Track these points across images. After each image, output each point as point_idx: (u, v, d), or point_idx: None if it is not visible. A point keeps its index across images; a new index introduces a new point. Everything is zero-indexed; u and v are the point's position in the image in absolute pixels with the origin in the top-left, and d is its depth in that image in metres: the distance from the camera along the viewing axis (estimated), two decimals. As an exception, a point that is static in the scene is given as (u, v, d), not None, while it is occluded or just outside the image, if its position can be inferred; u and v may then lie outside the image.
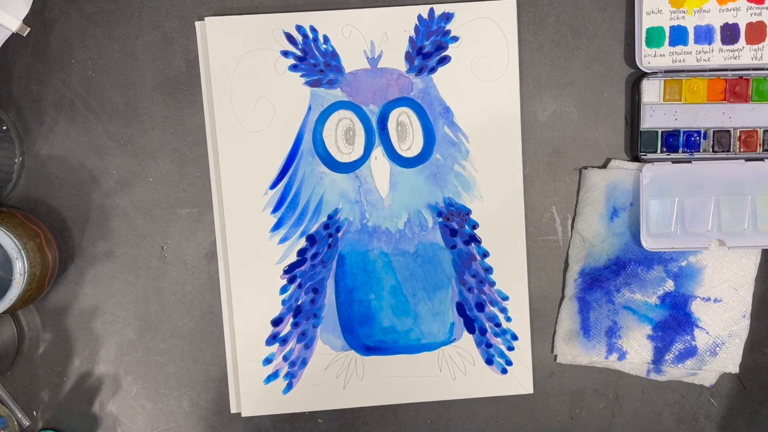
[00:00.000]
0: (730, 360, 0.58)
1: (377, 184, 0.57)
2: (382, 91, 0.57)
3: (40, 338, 0.58)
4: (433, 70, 0.57)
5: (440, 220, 0.58)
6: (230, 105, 0.56)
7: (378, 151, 0.57)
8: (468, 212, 0.58)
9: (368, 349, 0.58)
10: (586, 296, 0.58)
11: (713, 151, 0.57)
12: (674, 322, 0.58)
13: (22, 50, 0.56)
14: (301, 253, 0.57)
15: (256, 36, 0.56)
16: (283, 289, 0.57)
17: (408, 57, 0.57)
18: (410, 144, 0.57)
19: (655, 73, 0.56)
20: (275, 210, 0.57)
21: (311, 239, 0.57)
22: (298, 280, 0.57)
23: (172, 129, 0.57)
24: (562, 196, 0.58)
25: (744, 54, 0.56)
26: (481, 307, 0.58)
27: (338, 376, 0.58)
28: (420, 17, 0.56)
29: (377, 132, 0.57)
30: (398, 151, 0.57)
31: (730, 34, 0.56)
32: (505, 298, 0.58)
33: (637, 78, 0.57)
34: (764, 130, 0.57)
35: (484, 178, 0.57)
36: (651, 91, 0.56)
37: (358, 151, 0.57)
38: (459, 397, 0.58)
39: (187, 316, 0.58)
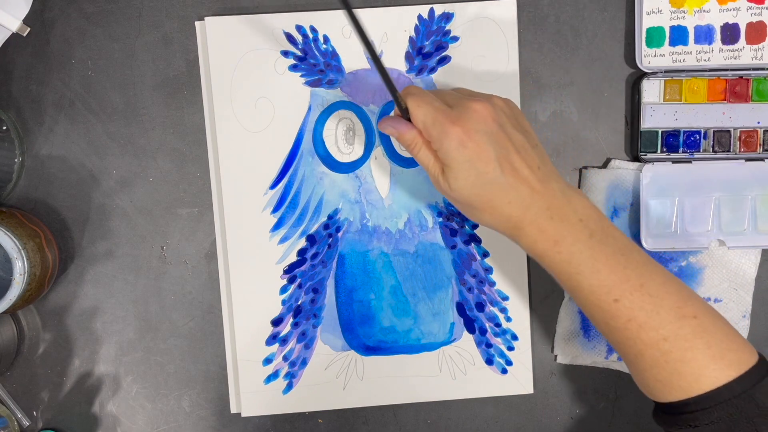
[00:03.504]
0: (730, 360, 0.58)
1: (377, 184, 0.57)
2: (382, 91, 0.57)
3: (40, 338, 0.58)
4: (433, 70, 0.57)
5: (440, 220, 0.58)
6: (230, 105, 0.56)
7: (378, 151, 0.57)
8: (468, 212, 0.58)
9: (368, 349, 0.58)
10: (586, 296, 0.58)
11: (713, 151, 0.57)
12: (674, 322, 0.58)
13: (22, 50, 0.56)
14: (301, 253, 0.57)
15: (256, 36, 0.56)
16: (283, 289, 0.57)
17: (408, 57, 0.57)
18: (410, 144, 0.57)
19: (655, 73, 0.56)
20: (275, 210, 0.57)
21: (311, 239, 0.57)
22: (298, 280, 0.57)
23: (172, 129, 0.57)
24: (562, 196, 0.58)
25: (744, 54, 0.56)
26: (481, 307, 0.58)
27: (338, 376, 0.58)
28: (420, 17, 0.56)
29: (377, 132, 0.57)
30: (398, 151, 0.57)
31: (730, 34, 0.56)
32: (505, 298, 0.58)
33: (637, 78, 0.57)
34: (764, 130, 0.57)
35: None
36: (651, 91, 0.56)
37: (358, 151, 0.57)
38: (459, 397, 0.58)
39: (187, 316, 0.58)
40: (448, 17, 0.56)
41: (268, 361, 0.57)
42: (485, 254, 0.58)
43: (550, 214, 0.44)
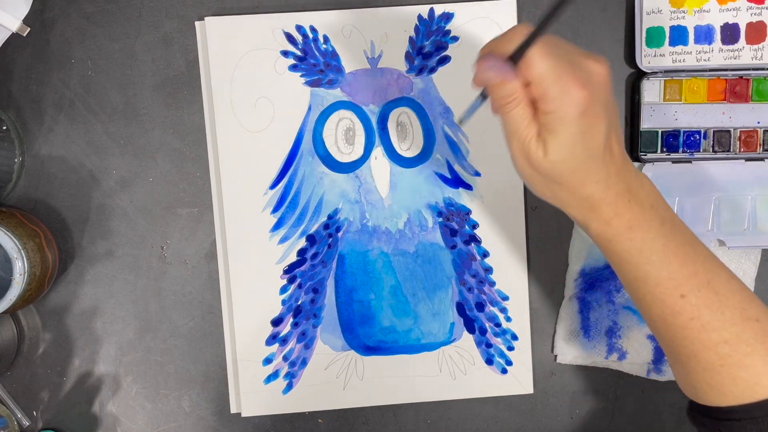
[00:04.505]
0: (730, 360, 0.58)
1: (377, 184, 0.57)
2: (382, 91, 0.57)
3: (40, 338, 0.58)
4: (433, 70, 0.57)
5: (440, 220, 0.58)
6: (230, 105, 0.56)
7: (378, 151, 0.57)
8: (468, 212, 0.58)
9: (368, 349, 0.58)
10: (587, 296, 0.58)
11: (713, 151, 0.57)
12: (674, 322, 0.58)
13: (22, 50, 0.56)
14: (301, 253, 0.57)
15: (256, 36, 0.56)
16: (283, 289, 0.57)
17: (408, 57, 0.57)
18: (410, 144, 0.57)
19: (655, 73, 0.56)
20: (275, 210, 0.57)
21: (311, 239, 0.57)
22: (298, 280, 0.57)
23: (172, 129, 0.57)
24: (562, 196, 0.58)
25: (744, 54, 0.56)
26: (481, 307, 0.58)
27: (338, 376, 0.58)
28: (420, 17, 0.56)
29: (377, 132, 0.57)
30: (398, 151, 0.57)
31: (730, 34, 0.56)
32: (505, 298, 0.58)
33: (637, 78, 0.57)
34: (764, 130, 0.57)
35: (484, 178, 0.57)
36: (651, 91, 0.56)
37: (358, 151, 0.57)
38: (459, 397, 0.58)
39: (187, 316, 0.58)
40: (448, 17, 0.56)
41: (268, 361, 0.57)
42: (485, 254, 0.58)
43: (628, 197, 0.40)
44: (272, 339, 0.57)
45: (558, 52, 0.38)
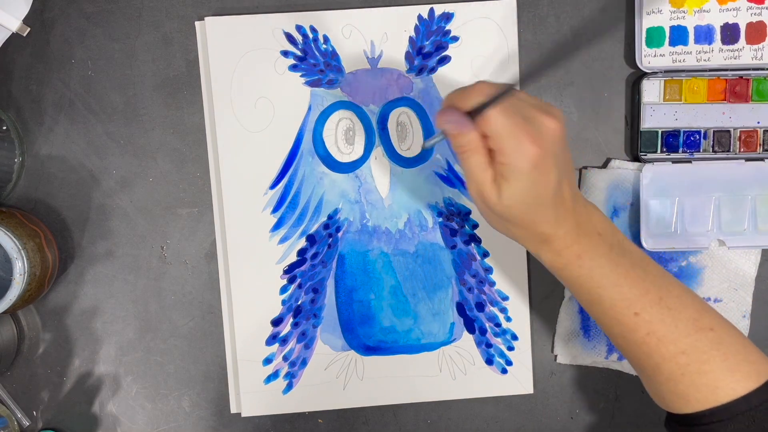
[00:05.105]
0: (730, 360, 0.58)
1: (377, 184, 0.57)
2: (382, 91, 0.57)
3: (40, 338, 0.58)
4: (433, 70, 0.57)
5: (440, 220, 0.58)
6: (230, 105, 0.56)
7: (378, 151, 0.57)
8: (468, 212, 0.58)
9: (368, 349, 0.58)
10: (586, 296, 0.58)
11: (713, 151, 0.57)
12: (674, 322, 0.58)
13: (22, 50, 0.56)
14: (301, 253, 0.57)
15: (256, 36, 0.56)
16: (283, 289, 0.57)
17: (408, 57, 0.57)
18: (410, 144, 0.57)
19: (655, 73, 0.56)
20: (275, 210, 0.57)
21: (311, 239, 0.57)
22: (298, 280, 0.57)
23: (172, 129, 0.57)
24: (562, 196, 0.58)
25: (744, 54, 0.56)
26: (481, 307, 0.58)
27: (338, 376, 0.58)
28: (420, 17, 0.56)
29: (377, 132, 0.57)
30: (398, 151, 0.57)
31: (730, 34, 0.56)
32: (505, 298, 0.58)
33: (637, 78, 0.57)
34: (764, 130, 0.57)
35: (484, 178, 0.57)
36: (651, 91, 0.56)
37: (358, 151, 0.57)
38: (459, 397, 0.58)
39: (187, 316, 0.58)
40: (448, 17, 0.56)
41: (268, 361, 0.57)
42: (485, 254, 0.58)
43: (577, 231, 0.44)
44: (272, 339, 0.57)
45: (513, 109, 0.41)
